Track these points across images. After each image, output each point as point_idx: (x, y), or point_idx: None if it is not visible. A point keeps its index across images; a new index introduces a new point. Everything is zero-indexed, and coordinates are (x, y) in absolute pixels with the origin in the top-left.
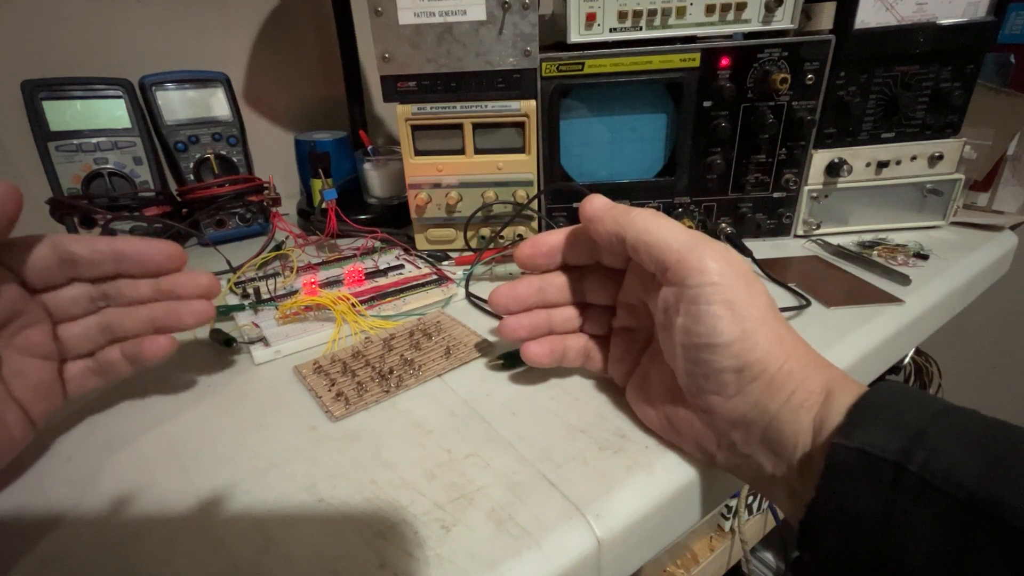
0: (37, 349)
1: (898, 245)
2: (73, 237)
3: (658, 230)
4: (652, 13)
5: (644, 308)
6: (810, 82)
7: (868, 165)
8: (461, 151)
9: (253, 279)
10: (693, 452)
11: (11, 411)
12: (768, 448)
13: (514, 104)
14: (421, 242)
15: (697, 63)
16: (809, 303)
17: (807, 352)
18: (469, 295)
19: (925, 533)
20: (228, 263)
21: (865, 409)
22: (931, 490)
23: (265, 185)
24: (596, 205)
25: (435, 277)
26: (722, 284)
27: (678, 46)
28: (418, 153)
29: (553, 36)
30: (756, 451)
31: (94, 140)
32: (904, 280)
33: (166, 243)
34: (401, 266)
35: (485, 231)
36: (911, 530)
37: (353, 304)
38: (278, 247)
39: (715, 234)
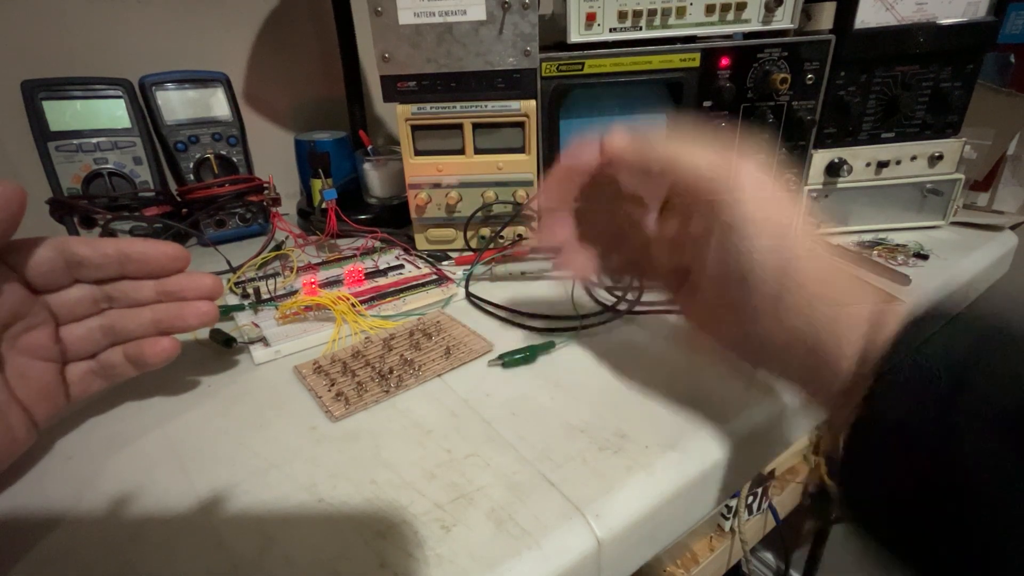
0: (40, 351)
1: (898, 245)
2: (77, 239)
3: (687, 157)
4: (652, 13)
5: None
6: (810, 82)
7: (868, 165)
8: (461, 151)
9: (253, 279)
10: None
11: (14, 413)
12: (816, 355)
13: (514, 104)
14: (421, 242)
15: (697, 63)
16: None
17: (848, 281)
18: (469, 295)
19: (983, 441)
20: (228, 263)
21: (915, 330)
22: (987, 403)
23: (265, 185)
24: (616, 144)
25: (435, 277)
26: (754, 218)
27: (678, 46)
28: (418, 153)
29: (553, 36)
30: (803, 359)
31: (94, 140)
32: (904, 280)
33: (170, 244)
34: (401, 266)
35: (485, 231)
36: (969, 432)
37: (353, 304)
38: (278, 247)
39: None
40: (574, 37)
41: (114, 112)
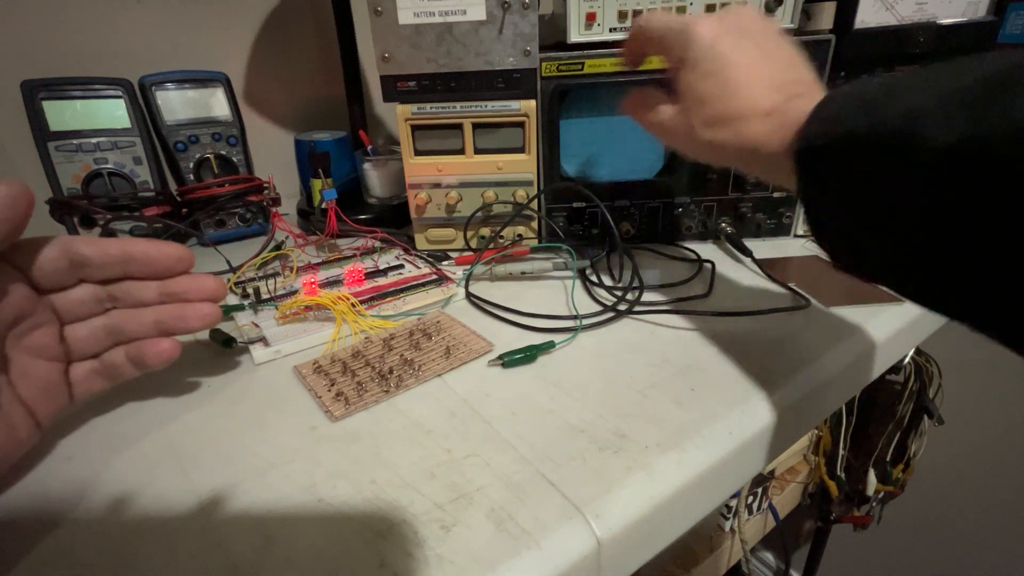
0: (44, 350)
1: None
2: (82, 239)
3: (653, 19)
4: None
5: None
6: None
7: None
8: (461, 151)
9: (253, 279)
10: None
11: (17, 412)
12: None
13: (514, 104)
14: (421, 242)
15: None
16: (809, 303)
17: (798, 80)
18: (469, 295)
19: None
20: (228, 263)
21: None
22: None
23: (265, 185)
24: (634, 25)
25: (435, 277)
26: (701, 55)
27: None
28: (418, 153)
29: (553, 36)
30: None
31: (94, 140)
32: None
33: (174, 246)
34: (401, 266)
35: (485, 231)
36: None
37: (353, 304)
38: (278, 247)
39: (715, 234)
40: (574, 37)
41: (114, 112)
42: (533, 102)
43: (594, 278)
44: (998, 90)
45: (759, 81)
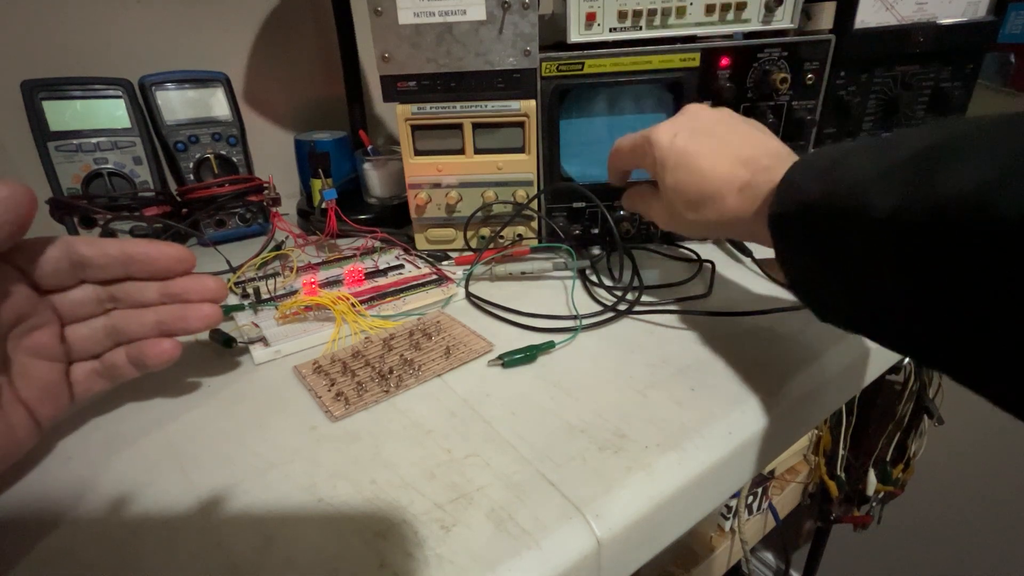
0: (45, 351)
1: None
2: (83, 240)
3: (622, 140)
4: (652, 13)
5: None
6: (810, 82)
7: None
8: (461, 151)
9: (253, 279)
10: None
11: (18, 413)
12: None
13: (514, 104)
14: (421, 242)
15: (697, 63)
16: None
17: (764, 156)
18: (469, 295)
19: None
20: (228, 263)
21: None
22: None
23: (265, 185)
24: (611, 150)
25: (435, 277)
26: (667, 155)
27: (678, 46)
28: (418, 153)
29: (553, 36)
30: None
31: (94, 140)
32: None
33: (175, 246)
34: (401, 266)
35: (485, 231)
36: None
37: (353, 304)
38: (278, 247)
39: None
40: (574, 37)
41: (114, 112)
42: (533, 102)
43: (594, 278)
44: (923, 165)
45: (722, 163)
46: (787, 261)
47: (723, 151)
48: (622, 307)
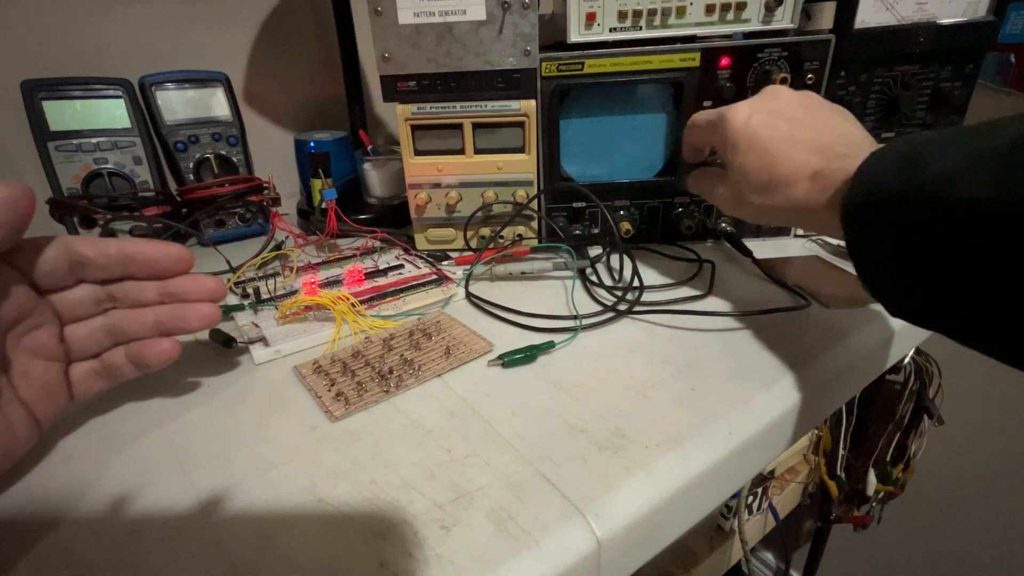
0: (44, 350)
1: None
2: (82, 239)
3: (698, 115)
4: (652, 13)
5: None
6: (810, 82)
7: None
8: (461, 151)
9: (253, 279)
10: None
11: (17, 412)
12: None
13: (514, 104)
14: (421, 242)
15: (697, 63)
16: (809, 303)
17: (820, 150)
18: (469, 295)
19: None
20: (228, 263)
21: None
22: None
23: (265, 185)
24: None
25: (435, 277)
26: (742, 134)
27: (678, 46)
28: (418, 153)
29: (553, 36)
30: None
31: (94, 140)
32: None
33: (174, 246)
34: (401, 266)
35: (485, 231)
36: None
37: (353, 304)
38: (278, 247)
39: (715, 234)
40: (574, 37)
41: (114, 112)
42: (533, 102)
43: (594, 278)
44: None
45: (796, 149)
46: (859, 252)
47: (798, 136)
48: (622, 307)
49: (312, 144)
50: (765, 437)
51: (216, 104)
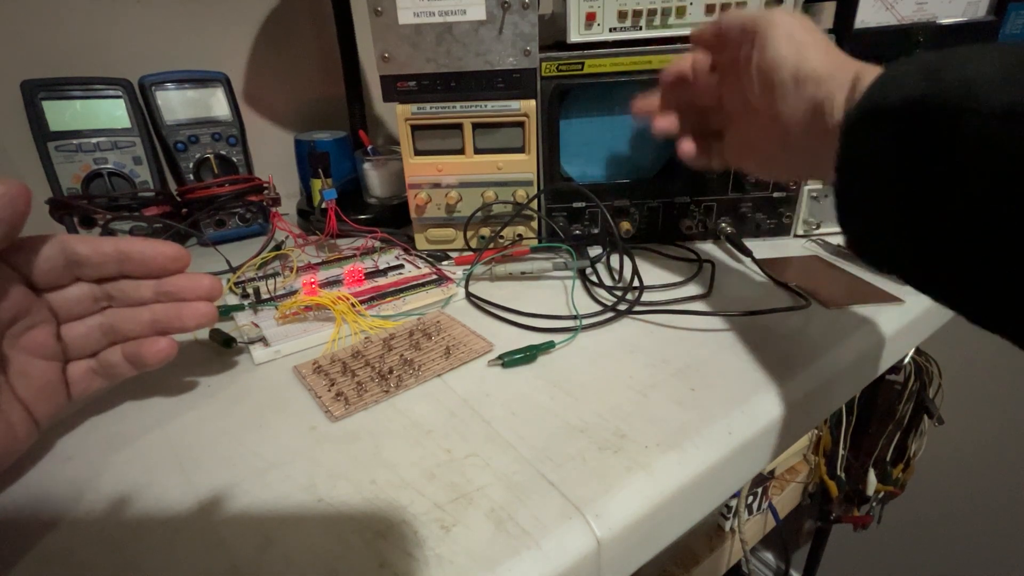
0: (42, 349)
1: None
2: (78, 238)
3: (739, 13)
4: (652, 13)
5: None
6: None
7: None
8: (461, 151)
9: (253, 279)
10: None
11: (15, 412)
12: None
13: (514, 104)
14: (421, 242)
15: None
16: (809, 303)
17: (850, 62)
18: (469, 295)
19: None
20: (228, 263)
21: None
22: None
23: (265, 185)
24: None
25: (435, 277)
26: (780, 23)
27: (678, 46)
28: (418, 153)
29: (553, 36)
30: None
31: (94, 140)
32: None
33: (169, 245)
34: (401, 266)
35: (485, 231)
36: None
37: (353, 304)
38: (278, 247)
39: (715, 234)
40: (574, 37)
41: (114, 112)
42: (533, 102)
43: (594, 278)
44: None
45: (833, 50)
46: (851, 171)
47: (832, 48)
48: (622, 307)
49: (312, 144)
50: (765, 437)
51: (216, 104)
